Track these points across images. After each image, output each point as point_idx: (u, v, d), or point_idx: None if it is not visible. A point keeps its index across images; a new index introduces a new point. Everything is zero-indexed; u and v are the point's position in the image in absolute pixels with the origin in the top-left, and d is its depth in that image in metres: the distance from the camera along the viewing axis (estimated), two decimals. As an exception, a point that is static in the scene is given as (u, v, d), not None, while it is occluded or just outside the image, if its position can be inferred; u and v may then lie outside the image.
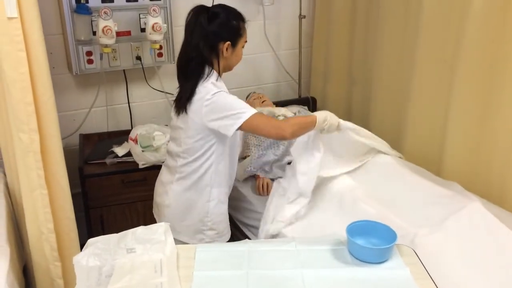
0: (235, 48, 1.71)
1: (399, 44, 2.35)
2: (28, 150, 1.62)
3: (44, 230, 1.71)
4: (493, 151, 1.94)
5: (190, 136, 1.69)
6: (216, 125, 1.62)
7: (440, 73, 2.12)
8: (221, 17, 1.66)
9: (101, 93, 2.52)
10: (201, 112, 1.62)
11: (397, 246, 1.38)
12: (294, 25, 2.91)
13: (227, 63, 1.74)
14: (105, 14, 2.18)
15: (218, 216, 1.79)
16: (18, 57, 1.53)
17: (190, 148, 1.70)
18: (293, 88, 3.09)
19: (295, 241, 1.43)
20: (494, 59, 1.87)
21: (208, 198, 1.75)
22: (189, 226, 1.77)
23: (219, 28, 1.65)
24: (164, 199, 1.81)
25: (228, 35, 1.67)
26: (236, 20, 1.70)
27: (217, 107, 1.61)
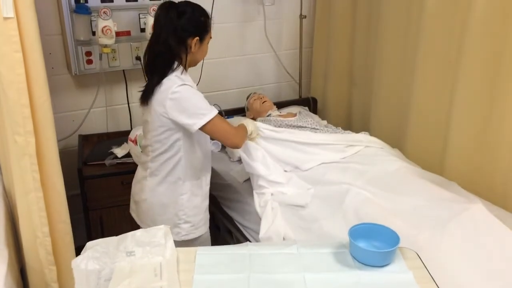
0: (202, 43, 1.74)
1: (400, 44, 2.33)
2: (23, 153, 1.59)
3: (39, 233, 1.69)
4: (496, 152, 1.93)
5: (155, 129, 1.71)
6: (179, 119, 1.65)
7: (442, 73, 2.11)
8: (190, 12, 1.68)
9: (101, 93, 2.50)
10: (166, 105, 1.64)
11: (400, 249, 1.36)
12: (295, 25, 2.90)
13: (194, 58, 1.76)
14: (104, 14, 2.16)
15: (192, 209, 1.81)
16: (14, 58, 1.50)
17: (156, 141, 1.73)
18: (293, 88, 3.08)
19: (297, 244, 1.41)
20: (498, 59, 1.85)
21: (181, 191, 1.77)
22: (166, 221, 1.77)
23: (188, 23, 1.67)
24: (141, 195, 1.83)
25: (196, 30, 1.70)
26: (204, 16, 1.73)
27: (181, 102, 1.64)
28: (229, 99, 2.88)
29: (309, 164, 2.13)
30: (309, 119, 2.53)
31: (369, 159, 2.15)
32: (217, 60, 2.77)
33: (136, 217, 1.92)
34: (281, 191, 1.98)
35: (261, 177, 2.00)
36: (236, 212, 2.15)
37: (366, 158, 2.16)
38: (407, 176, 1.99)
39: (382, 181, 1.93)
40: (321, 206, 1.85)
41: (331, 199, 1.85)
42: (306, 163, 2.13)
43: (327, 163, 2.13)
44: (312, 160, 2.14)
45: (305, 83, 3.08)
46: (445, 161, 2.13)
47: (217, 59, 2.77)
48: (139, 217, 1.89)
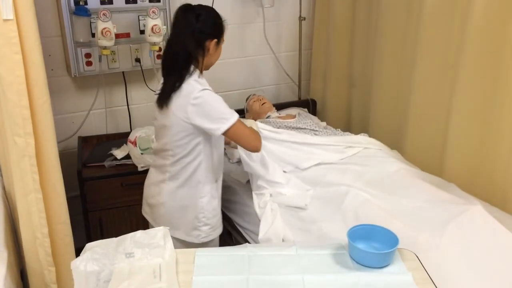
0: (218, 46, 1.76)
1: (399, 46, 2.34)
2: (23, 154, 1.60)
3: (39, 234, 1.69)
4: (495, 153, 1.93)
5: (176, 133, 1.71)
6: (202, 124, 1.65)
7: (441, 75, 2.11)
8: (207, 15, 1.70)
9: (100, 95, 2.50)
10: (187, 110, 1.64)
11: (399, 250, 1.36)
12: (294, 27, 2.90)
13: (209, 60, 1.78)
14: (104, 16, 2.17)
15: (211, 211, 1.82)
16: (14, 59, 1.51)
17: (177, 146, 1.72)
18: (293, 90, 3.08)
19: (296, 246, 1.41)
20: (497, 62, 1.86)
21: (201, 194, 1.78)
22: (186, 224, 1.80)
23: (206, 25, 1.69)
24: (158, 199, 1.82)
25: (214, 33, 1.72)
26: (219, 18, 1.75)
27: (204, 107, 1.64)
28: (229, 100, 2.82)
29: (308, 163, 2.13)
30: (308, 121, 2.53)
31: (368, 160, 2.15)
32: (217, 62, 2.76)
33: (151, 219, 1.89)
34: (280, 192, 1.98)
35: (260, 178, 2.00)
36: (236, 214, 2.15)
37: (365, 160, 2.16)
38: (406, 178, 1.99)
39: (381, 183, 1.93)
40: (320, 207, 1.85)
41: (330, 201, 1.85)
42: (305, 161, 2.14)
43: (326, 164, 2.14)
44: (310, 158, 2.15)
45: (304, 85, 3.08)
46: (444, 162, 2.14)
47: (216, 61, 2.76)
48: (155, 220, 1.87)
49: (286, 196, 1.97)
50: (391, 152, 2.30)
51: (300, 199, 1.92)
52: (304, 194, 1.96)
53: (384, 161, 2.13)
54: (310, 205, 1.89)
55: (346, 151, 2.23)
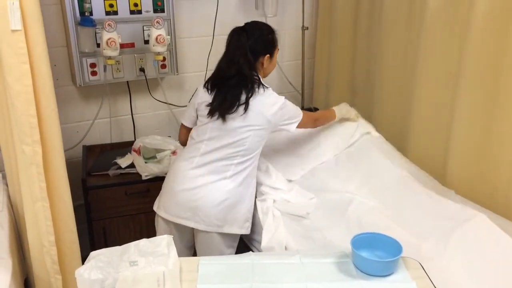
0: (272, 58, 1.95)
1: (401, 55, 2.35)
2: (30, 162, 1.61)
3: (46, 243, 1.70)
4: (498, 160, 1.93)
5: (254, 136, 1.84)
6: (285, 124, 1.91)
7: (443, 82, 2.12)
8: (258, 34, 1.88)
9: (105, 104, 2.52)
10: (277, 115, 1.85)
11: (403, 259, 1.36)
12: (297, 37, 2.92)
13: (267, 71, 1.97)
14: (109, 26, 2.19)
15: (252, 208, 1.96)
16: (22, 69, 1.53)
17: (250, 148, 1.86)
18: (296, 98, 3.09)
19: (299, 254, 1.41)
20: (498, 69, 1.86)
21: (251, 188, 1.93)
22: (241, 216, 1.89)
23: (258, 44, 1.87)
24: (215, 198, 1.84)
25: (266, 49, 1.90)
26: (271, 33, 1.93)
27: (288, 111, 1.91)
28: (232, 109, 2.89)
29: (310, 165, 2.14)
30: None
31: (367, 161, 2.16)
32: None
33: (194, 222, 1.86)
34: (283, 198, 1.98)
35: (264, 184, 2.02)
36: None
37: (368, 165, 2.17)
38: (410, 185, 1.99)
39: (385, 191, 1.93)
40: (324, 215, 1.85)
41: (334, 208, 1.86)
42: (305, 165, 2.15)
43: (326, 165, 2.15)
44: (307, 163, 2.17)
45: (307, 94, 3.09)
46: (447, 169, 2.14)
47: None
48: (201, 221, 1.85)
49: (289, 203, 1.97)
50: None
51: (303, 208, 1.92)
52: (308, 202, 1.96)
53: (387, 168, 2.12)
54: (313, 213, 1.89)
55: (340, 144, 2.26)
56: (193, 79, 2.70)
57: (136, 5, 2.34)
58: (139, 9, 2.35)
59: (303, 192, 2.03)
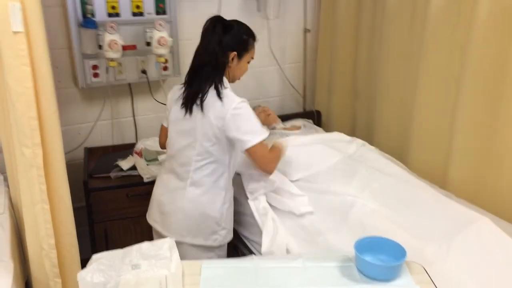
0: (240, 60, 1.82)
1: (403, 58, 2.35)
2: (31, 165, 1.61)
3: (45, 245, 1.69)
4: (500, 164, 1.92)
5: (207, 140, 1.74)
6: (234, 135, 1.72)
7: (445, 86, 2.11)
8: (235, 29, 1.79)
9: (107, 106, 2.52)
10: (226, 118, 1.70)
11: (406, 263, 1.35)
12: (299, 39, 2.92)
13: (233, 74, 1.84)
14: (111, 28, 2.19)
15: (229, 216, 1.89)
16: (23, 71, 1.53)
17: (205, 152, 1.76)
18: (297, 101, 3.09)
19: (302, 258, 1.40)
20: (500, 73, 1.86)
21: (223, 201, 1.83)
22: (205, 229, 1.82)
23: (231, 38, 1.77)
24: (176, 205, 1.82)
25: (236, 46, 1.78)
26: (247, 35, 1.83)
27: (241, 119, 1.72)
28: (234, 112, 2.89)
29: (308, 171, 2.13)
30: (313, 132, 2.53)
31: (367, 165, 2.15)
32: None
33: (161, 227, 1.87)
34: (274, 196, 1.96)
35: (252, 181, 2.00)
36: (240, 225, 2.14)
37: (370, 170, 2.16)
38: (412, 188, 1.98)
39: (387, 194, 1.92)
40: (326, 218, 1.84)
41: (336, 211, 1.85)
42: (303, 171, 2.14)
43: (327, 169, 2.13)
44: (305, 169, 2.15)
45: (309, 96, 3.09)
46: (449, 173, 2.13)
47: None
48: (167, 228, 1.85)
49: (283, 200, 1.94)
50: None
51: (296, 207, 1.90)
52: (301, 200, 1.94)
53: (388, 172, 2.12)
54: (315, 216, 1.87)
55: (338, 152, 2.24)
56: (195, 81, 2.69)
57: (138, 7, 2.33)
58: (141, 11, 2.34)
59: (294, 188, 2.00)
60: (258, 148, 1.73)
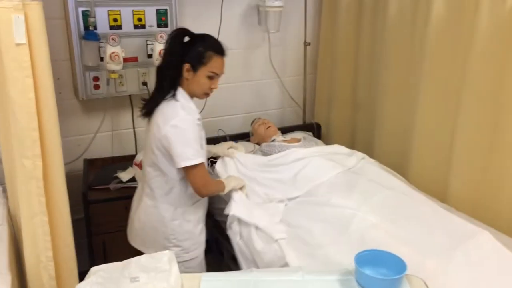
0: (195, 73, 1.76)
1: (403, 71, 2.36)
2: (30, 176, 1.61)
3: (43, 258, 1.68)
4: (500, 178, 1.92)
5: (153, 151, 1.75)
6: (170, 149, 1.70)
7: (445, 100, 2.12)
8: (194, 41, 1.76)
9: (107, 118, 2.52)
10: (165, 130, 1.69)
11: (406, 276, 1.34)
12: (299, 52, 2.94)
13: (190, 88, 1.78)
14: (113, 40, 2.21)
15: (183, 234, 1.83)
16: (25, 83, 1.54)
17: (153, 164, 1.77)
18: (297, 114, 3.10)
19: (302, 271, 1.39)
20: (500, 86, 1.87)
21: (173, 217, 1.81)
22: (156, 243, 1.82)
23: (186, 50, 1.74)
24: (136, 213, 1.87)
25: (190, 58, 1.74)
26: (204, 47, 1.75)
27: (178, 135, 1.68)
28: (234, 124, 2.89)
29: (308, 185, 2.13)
30: (313, 144, 2.54)
31: (367, 178, 2.15)
32: (222, 85, 2.75)
33: (129, 234, 1.95)
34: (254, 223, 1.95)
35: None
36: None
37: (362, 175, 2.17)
38: (412, 202, 1.98)
39: (387, 207, 1.92)
40: (326, 231, 1.83)
41: (336, 224, 1.84)
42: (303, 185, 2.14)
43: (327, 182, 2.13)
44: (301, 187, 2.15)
45: (309, 109, 3.10)
46: (449, 187, 2.13)
47: (222, 84, 2.75)
48: (129, 234, 1.93)
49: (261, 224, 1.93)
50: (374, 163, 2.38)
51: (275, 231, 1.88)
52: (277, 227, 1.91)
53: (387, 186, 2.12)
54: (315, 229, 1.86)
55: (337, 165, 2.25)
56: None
57: (140, 19, 2.35)
58: (143, 23, 2.37)
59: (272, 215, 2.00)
60: (194, 170, 1.71)
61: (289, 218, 1.97)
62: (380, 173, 2.23)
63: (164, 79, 1.76)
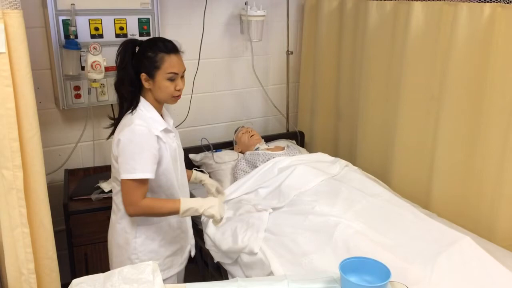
0: (154, 80, 1.65)
1: (384, 80, 2.40)
2: (11, 187, 1.57)
3: (24, 270, 1.64)
4: (481, 184, 1.96)
5: (112, 165, 1.70)
6: (116, 158, 1.63)
7: (425, 107, 2.16)
8: (143, 49, 1.65)
9: (88, 127, 2.49)
10: (115, 141, 1.63)
11: (391, 283, 1.35)
12: (282, 61, 2.96)
13: (155, 96, 1.68)
14: (94, 49, 2.19)
15: (147, 254, 1.73)
16: (5, 92, 1.51)
17: (115, 176, 1.70)
18: (281, 122, 3.11)
19: (287, 279, 1.39)
20: (479, 92, 1.91)
21: (135, 234, 1.71)
22: (120, 263, 1.69)
23: (136, 60, 1.65)
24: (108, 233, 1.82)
25: (143, 68, 1.64)
26: (153, 51, 1.63)
27: (124, 145, 1.59)
28: (217, 132, 2.89)
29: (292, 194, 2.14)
30: (297, 152, 2.55)
31: (351, 185, 2.17)
32: (205, 94, 2.80)
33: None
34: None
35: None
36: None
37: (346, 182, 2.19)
38: (395, 209, 2.00)
39: (371, 214, 1.93)
40: (310, 239, 1.84)
41: (320, 232, 1.84)
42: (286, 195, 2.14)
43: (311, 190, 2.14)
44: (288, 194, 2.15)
45: (292, 117, 3.12)
46: (431, 192, 2.16)
47: (205, 93, 2.80)
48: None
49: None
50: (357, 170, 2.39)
51: (252, 244, 1.87)
52: (256, 238, 1.90)
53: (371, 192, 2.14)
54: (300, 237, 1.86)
55: (322, 173, 2.26)
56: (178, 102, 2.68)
57: (122, 28, 2.34)
58: (125, 32, 2.35)
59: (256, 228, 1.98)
60: (130, 184, 1.59)
61: (273, 226, 1.96)
62: (363, 181, 2.25)
63: (123, 96, 1.67)
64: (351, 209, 1.97)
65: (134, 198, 1.61)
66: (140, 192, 1.61)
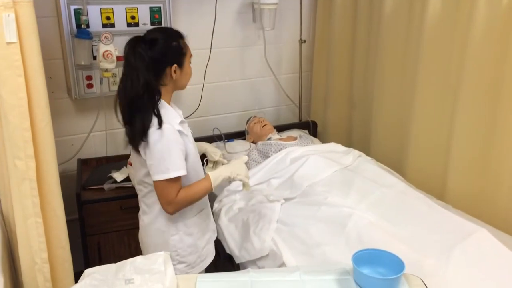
0: (182, 67, 1.64)
1: (399, 67, 2.35)
2: (23, 177, 1.58)
3: (38, 260, 1.66)
4: (498, 176, 1.92)
5: (138, 169, 1.67)
6: (147, 160, 1.58)
7: (442, 96, 2.12)
8: (160, 41, 1.58)
9: (101, 117, 2.50)
10: (142, 144, 1.58)
11: (405, 275, 1.33)
12: (295, 50, 2.92)
13: (178, 84, 1.66)
14: (105, 39, 2.18)
15: (186, 249, 1.73)
16: (16, 82, 1.51)
17: (140, 182, 1.68)
18: (293, 112, 3.08)
19: (299, 271, 1.38)
20: (497, 83, 1.86)
21: (171, 232, 1.70)
22: None
23: (162, 53, 1.58)
24: (140, 236, 1.82)
25: (171, 60, 1.60)
26: (175, 40, 1.61)
27: (152, 147, 1.54)
28: (229, 122, 2.88)
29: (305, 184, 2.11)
30: (309, 143, 2.52)
31: (364, 176, 2.14)
32: (217, 84, 2.78)
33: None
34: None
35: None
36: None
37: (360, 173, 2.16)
38: (410, 200, 1.97)
39: (385, 205, 1.91)
40: (323, 230, 1.82)
41: (333, 223, 1.83)
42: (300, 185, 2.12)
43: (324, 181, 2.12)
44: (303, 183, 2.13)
45: (305, 107, 3.09)
46: (446, 184, 2.12)
47: (217, 83, 2.78)
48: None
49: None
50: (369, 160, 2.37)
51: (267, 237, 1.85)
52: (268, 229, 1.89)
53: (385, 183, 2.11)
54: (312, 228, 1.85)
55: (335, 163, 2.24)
56: (189, 91, 2.68)
57: (133, 17, 2.33)
58: (136, 21, 2.34)
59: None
60: (160, 184, 1.57)
61: (285, 217, 1.95)
62: (377, 171, 2.22)
63: (144, 101, 1.54)
64: (365, 200, 1.95)
65: (171, 197, 1.59)
66: (175, 189, 1.60)
